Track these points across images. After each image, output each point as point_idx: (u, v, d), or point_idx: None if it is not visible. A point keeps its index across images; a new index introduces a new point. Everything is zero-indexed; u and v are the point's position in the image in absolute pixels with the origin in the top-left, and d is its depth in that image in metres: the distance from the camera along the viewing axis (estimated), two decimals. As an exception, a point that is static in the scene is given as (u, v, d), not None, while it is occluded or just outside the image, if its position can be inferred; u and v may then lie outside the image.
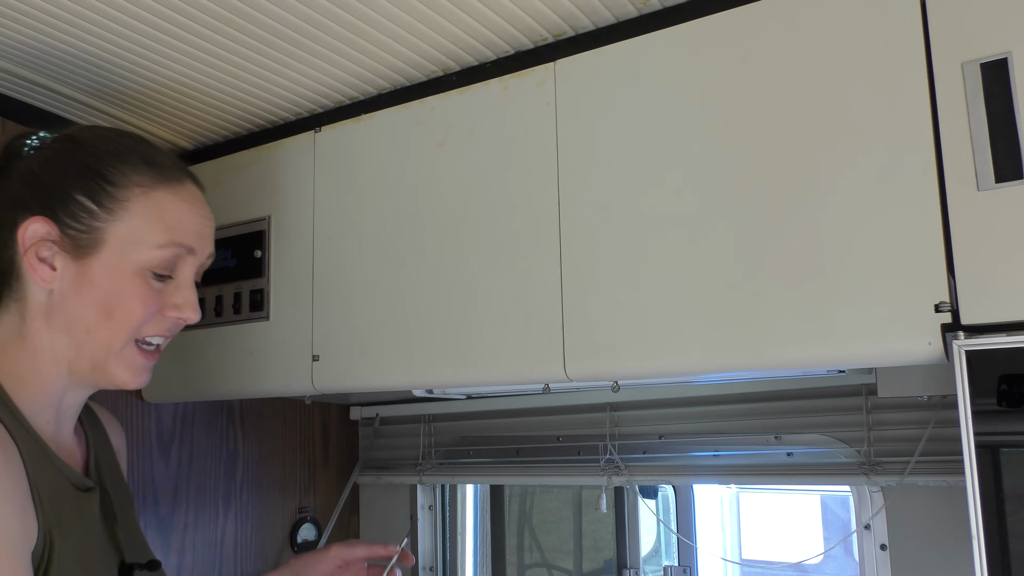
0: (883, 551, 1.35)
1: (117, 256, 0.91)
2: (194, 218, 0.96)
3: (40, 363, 0.91)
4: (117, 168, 0.92)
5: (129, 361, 0.93)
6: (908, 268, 0.86)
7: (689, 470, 1.54)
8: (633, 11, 1.09)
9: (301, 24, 1.12)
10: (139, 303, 0.91)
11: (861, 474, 1.35)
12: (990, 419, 0.77)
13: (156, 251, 0.92)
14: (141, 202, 0.92)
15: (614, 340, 1.02)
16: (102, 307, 0.90)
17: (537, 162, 1.11)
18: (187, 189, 0.97)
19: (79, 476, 0.93)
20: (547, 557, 2.01)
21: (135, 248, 0.91)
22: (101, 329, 0.91)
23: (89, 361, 0.92)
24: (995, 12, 0.84)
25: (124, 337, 0.92)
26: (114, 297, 0.90)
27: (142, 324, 0.92)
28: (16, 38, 1.14)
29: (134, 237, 0.91)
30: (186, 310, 0.95)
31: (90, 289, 0.90)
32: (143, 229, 0.92)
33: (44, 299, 0.91)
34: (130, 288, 0.91)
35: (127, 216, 0.91)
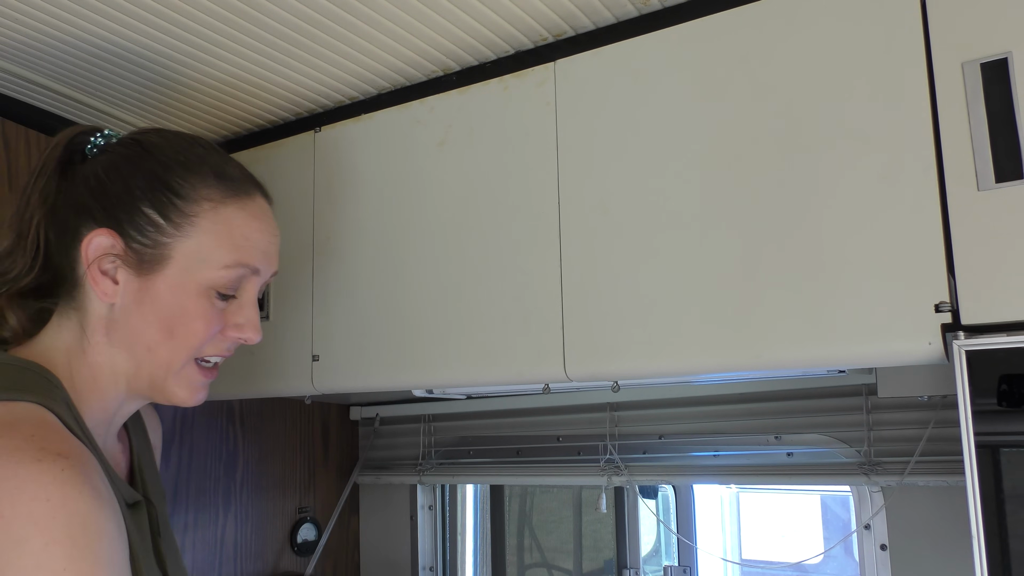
0: (883, 551, 1.35)
1: (182, 274, 0.87)
2: (262, 236, 0.92)
3: (100, 378, 0.88)
4: (187, 180, 0.89)
5: (188, 380, 0.90)
6: (908, 268, 0.86)
7: (689, 470, 1.54)
8: (633, 11, 1.09)
9: (301, 24, 1.12)
10: (202, 323, 0.88)
11: (861, 474, 1.35)
12: (990, 419, 0.77)
13: (222, 271, 0.88)
14: (210, 218, 0.88)
15: (614, 340, 1.02)
16: (164, 325, 0.87)
17: (537, 162, 1.11)
18: (256, 204, 0.93)
19: (130, 490, 0.90)
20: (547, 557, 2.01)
21: (201, 267, 0.88)
22: (162, 347, 0.87)
23: (148, 378, 0.89)
24: (995, 12, 0.84)
25: (185, 356, 0.88)
26: (177, 316, 0.87)
27: (204, 344, 0.89)
28: (16, 38, 1.14)
29: (200, 255, 0.88)
30: (248, 330, 0.92)
31: (153, 306, 0.87)
32: (210, 247, 0.88)
33: (105, 312, 0.87)
34: (194, 307, 0.87)
35: (195, 233, 0.87)
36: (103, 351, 0.88)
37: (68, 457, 0.72)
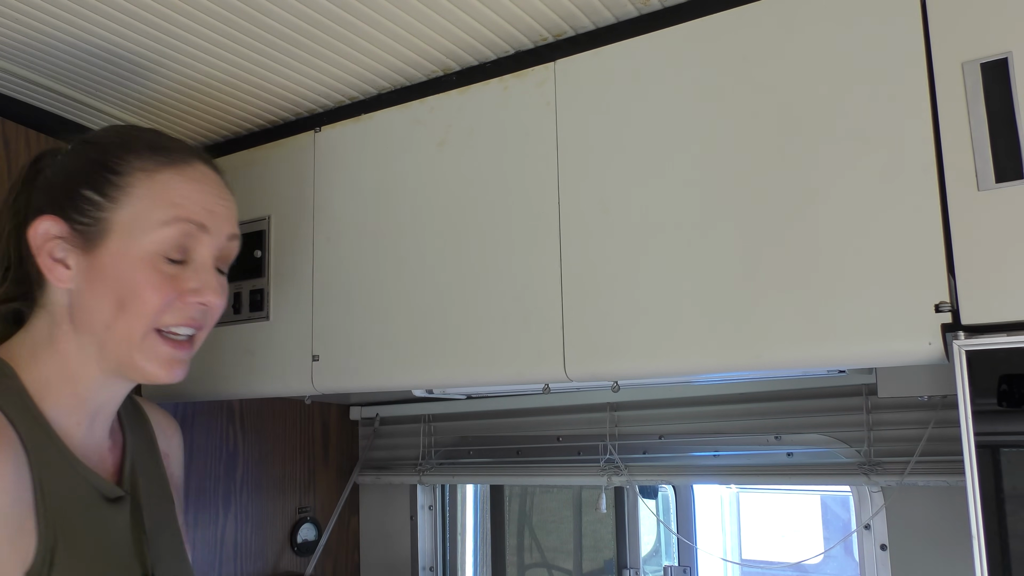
0: (883, 551, 1.35)
1: (123, 243, 0.87)
2: (204, 196, 0.91)
3: (70, 366, 0.89)
4: (121, 157, 0.90)
5: (154, 353, 0.88)
6: (908, 268, 0.86)
7: (689, 470, 1.54)
8: (633, 11, 1.09)
9: (301, 24, 1.12)
10: (151, 290, 0.87)
11: (861, 474, 1.35)
12: (990, 419, 0.77)
13: (161, 229, 0.87)
14: (144, 185, 0.88)
15: (614, 340, 1.02)
16: (115, 298, 0.87)
17: (537, 162, 1.11)
18: (196, 169, 0.92)
19: (108, 484, 0.90)
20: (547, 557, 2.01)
21: (140, 231, 0.87)
22: (118, 322, 0.87)
23: (114, 357, 0.88)
24: (995, 12, 0.84)
25: (141, 328, 0.87)
26: (126, 286, 0.87)
27: (159, 313, 0.87)
28: (16, 38, 1.14)
29: (138, 220, 0.88)
30: (205, 294, 0.89)
31: (102, 282, 0.88)
32: (146, 211, 0.88)
33: (66, 300, 0.89)
34: (141, 276, 0.87)
35: (130, 201, 0.88)
36: (71, 339, 0.89)
37: None
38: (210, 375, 1.40)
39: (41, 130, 1.38)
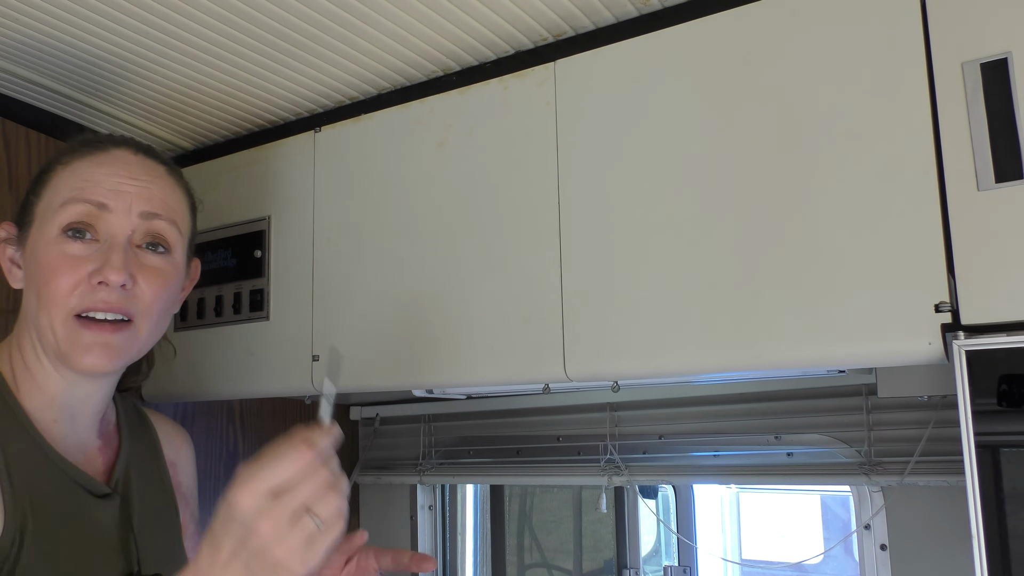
0: (883, 551, 1.35)
1: (38, 230, 0.90)
2: (108, 177, 0.90)
3: (28, 362, 0.91)
4: (54, 157, 0.94)
5: (78, 340, 0.86)
6: (908, 268, 0.86)
7: (689, 470, 1.54)
8: (633, 11, 1.09)
9: (301, 24, 1.12)
10: (52, 271, 0.86)
11: (861, 474, 1.35)
12: (990, 419, 0.77)
13: (61, 212, 0.88)
14: (59, 175, 0.92)
15: (614, 340, 1.02)
16: (35, 286, 0.89)
17: (537, 162, 1.11)
18: (109, 155, 0.92)
19: (91, 480, 0.91)
20: (547, 557, 2.01)
21: (47, 217, 0.89)
22: (40, 310, 0.87)
23: (50, 348, 0.88)
24: (995, 12, 0.84)
25: (58, 314, 0.86)
26: (40, 274, 0.88)
27: (68, 296, 0.86)
28: (16, 38, 1.14)
29: (48, 207, 0.90)
30: (105, 271, 0.86)
31: (29, 273, 0.91)
32: (53, 197, 0.90)
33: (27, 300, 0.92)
34: (48, 260, 0.87)
35: (47, 191, 0.92)
36: (25, 335, 0.91)
37: None
38: (210, 375, 1.40)
39: (41, 130, 1.38)
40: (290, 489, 0.68)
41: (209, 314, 1.41)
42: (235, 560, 0.68)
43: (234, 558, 0.68)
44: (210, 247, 1.42)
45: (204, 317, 1.42)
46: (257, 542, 0.67)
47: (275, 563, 0.67)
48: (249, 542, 0.68)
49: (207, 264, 1.42)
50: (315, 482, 0.69)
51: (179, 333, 1.45)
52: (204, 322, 1.41)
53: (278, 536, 0.67)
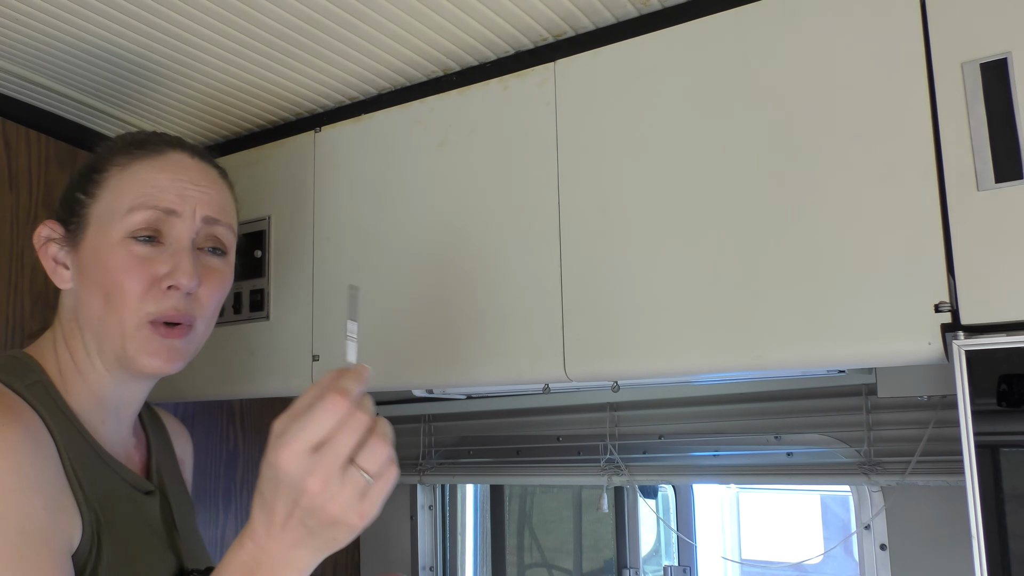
0: (883, 551, 1.35)
1: (99, 234, 0.90)
2: (172, 182, 0.91)
3: (80, 363, 0.90)
4: (104, 157, 0.94)
5: (148, 344, 0.88)
6: (908, 268, 0.86)
7: (689, 470, 1.54)
8: (633, 11, 1.09)
9: (301, 24, 1.12)
10: (126, 276, 0.87)
11: (861, 474, 1.35)
12: (990, 419, 0.77)
13: (128, 216, 0.89)
14: (117, 177, 0.91)
15: (614, 340, 1.02)
16: (100, 291, 0.89)
17: (537, 162, 1.11)
18: (167, 158, 0.93)
19: (139, 478, 0.92)
20: (547, 557, 2.01)
21: (111, 220, 0.89)
22: (107, 314, 0.88)
23: (112, 351, 0.89)
24: (995, 12, 0.84)
25: (130, 317, 0.87)
26: (106, 276, 0.88)
27: (140, 300, 0.88)
28: (16, 38, 1.14)
29: (110, 210, 0.90)
30: (178, 275, 0.88)
31: (88, 275, 0.90)
32: (116, 200, 0.90)
33: (71, 301, 0.92)
34: (115, 263, 0.88)
35: (104, 194, 0.91)
36: (76, 337, 0.91)
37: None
38: (210, 375, 1.40)
39: (41, 130, 1.38)
40: (330, 442, 0.67)
41: (209, 314, 1.41)
42: (291, 520, 0.68)
43: (290, 519, 0.68)
44: (210, 247, 1.42)
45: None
46: (309, 500, 0.66)
47: (331, 519, 0.67)
48: (301, 501, 0.67)
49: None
50: (354, 430, 0.67)
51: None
52: (204, 322, 1.41)
53: (329, 492, 0.66)
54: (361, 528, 0.68)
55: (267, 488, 0.69)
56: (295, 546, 0.69)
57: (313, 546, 0.69)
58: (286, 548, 0.69)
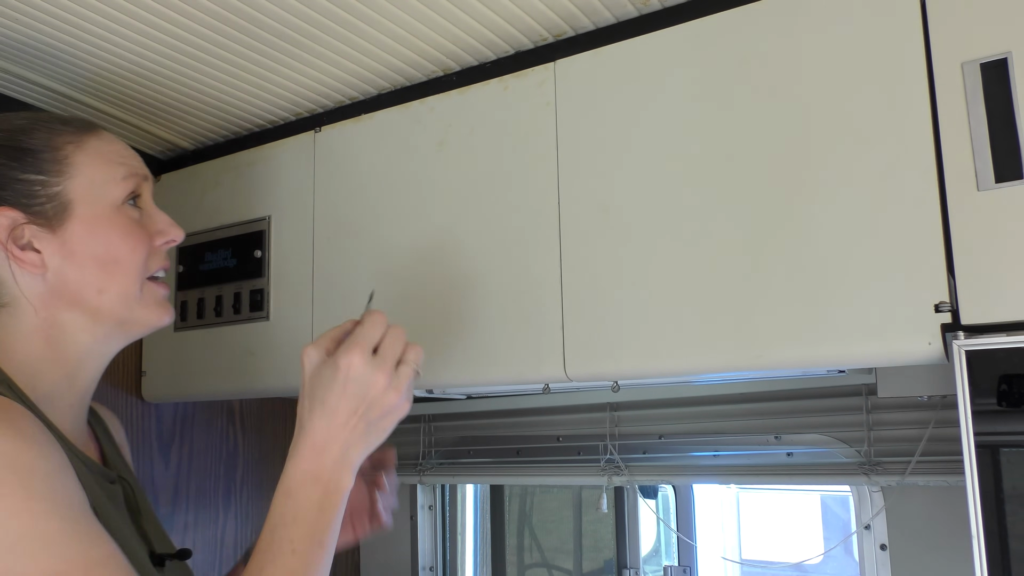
0: (883, 551, 1.35)
1: (91, 206, 0.90)
2: (128, 151, 0.96)
3: (59, 348, 0.89)
4: (36, 136, 0.91)
5: (153, 299, 0.93)
6: (908, 268, 0.86)
7: (689, 470, 1.54)
8: (633, 11, 1.09)
9: (301, 24, 1.12)
10: (133, 239, 0.91)
11: (861, 474, 1.35)
12: (990, 419, 0.77)
13: (122, 183, 0.92)
14: (80, 154, 0.91)
15: (614, 340, 1.02)
16: (102, 261, 0.89)
17: (537, 162, 1.11)
18: (106, 135, 0.97)
19: (102, 468, 0.92)
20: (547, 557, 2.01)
21: (103, 190, 0.91)
22: (112, 283, 0.90)
23: (115, 318, 0.91)
24: (995, 12, 0.84)
25: (138, 278, 0.91)
26: (109, 246, 0.90)
27: (145, 261, 0.92)
28: (16, 38, 1.14)
29: (96, 182, 0.91)
30: (171, 231, 0.96)
31: (83, 251, 0.89)
32: (100, 172, 0.91)
33: (41, 287, 0.89)
34: (117, 231, 0.91)
35: (76, 170, 0.90)
36: (55, 322, 0.89)
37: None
38: (210, 375, 1.40)
39: (41, 130, 1.37)
40: (384, 345, 0.87)
41: (209, 314, 1.41)
42: (354, 416, 0.85)
43: (353, 415, 0.85)
44: (210, 247, 1.42)
45: (204, 317, 1.42)
46: (375, 392, 0.86)
47: (390, 408, 0.88)
48: (369, 395, 0.85)
49: (207, 264, 1.43)
50: (400, 335, 0.89)
51: (179, 333, 1.45)
52: (204, 322, 1.41)
53: (391, 383, 0.87)
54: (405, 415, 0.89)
55: (330, 395, 0.85)
56: (353, 443, 0.86)
57: (367, 441, 0.87)
58: (346, 447, 0.85)
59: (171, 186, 1.52)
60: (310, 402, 0.86)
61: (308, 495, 0.83)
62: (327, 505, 0.84)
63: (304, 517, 0.82)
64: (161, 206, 0.99)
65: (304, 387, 0.88)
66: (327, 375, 0.86)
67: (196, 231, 1.45)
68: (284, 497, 0.83)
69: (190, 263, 1.45)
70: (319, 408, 0.85)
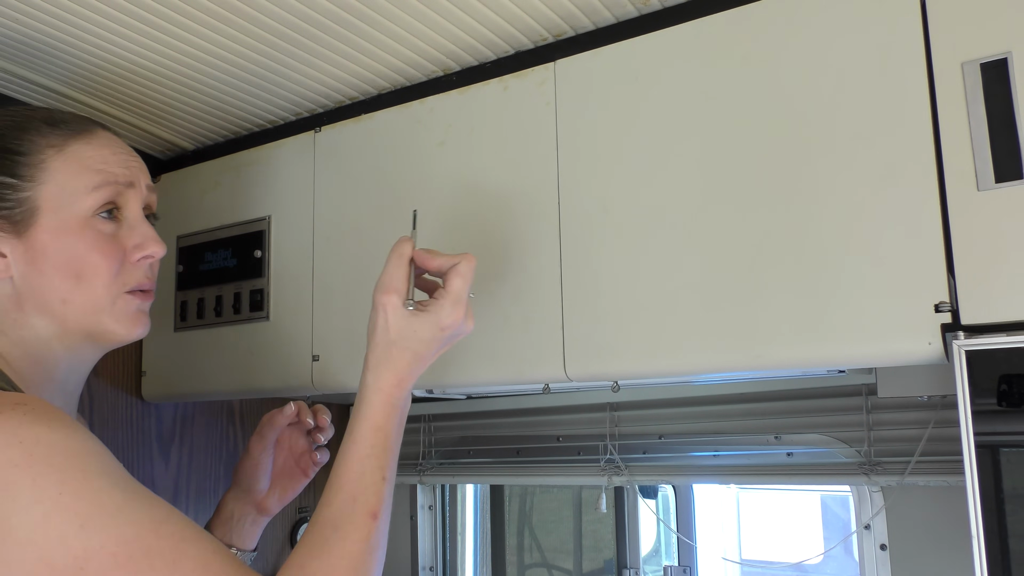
0: (883, 551, 1.35)
1: (57, 216, 0.88)
2: (118, 157, 0.93)
3: (32, 351, 0.89)
4: (20, 137, 0.90)
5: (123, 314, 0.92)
6: (908, 268, 0.86)
7: (689, 470, 1.54)
8: (633, 11, 1.09)
9: (301, 24, 1.12)
10: (97, 253, 0.89)
11: (861, 474, 1.35)
12: (990, 419, 0.77)
13: (92, 194, 0.90)
14: (59, 159, 0.90)
15: (614, 340, 1.02)
16: (66, 272, 0.88)
17: (537, 162, 1.11)
18: (101, 137, 0.94)
19: None
20: (547, 557, 2.01)
21: (71, 201, 0.89)
22: (77, 294, 0.89)
23: (81, 328, 0.90)
24: (995, 12, 0.84)
25: (105, 294, 0.90)
26: (73, 258, 0.88)
27: (115, 275, 0.90)
28: (16, 38, 1.14)
29: (65, 191, 0.89)
30: (149, 245, 0.93)
31: (46, 260, 0.88)
32: (71, 181, 0.89)
33: (9, 290, 0.89)
34: (82, 243, 0.89)
35: (49, 177, 0.89)
36: (24, 325, 0.89)
37: (25, 403, 0.76)
38: (210, 375, 1.40)
39: (41, 130, 1.37)
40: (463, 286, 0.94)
41: (209, 314, 1.41)
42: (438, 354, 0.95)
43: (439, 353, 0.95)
44: (210, 247, 1.42)
45: (204, 317, 1.42)
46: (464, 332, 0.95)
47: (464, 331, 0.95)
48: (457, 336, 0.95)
49: (207, 264, 1.43)
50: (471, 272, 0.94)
51: (179, 333, 1.45)
52: (204, 322, 1.41)
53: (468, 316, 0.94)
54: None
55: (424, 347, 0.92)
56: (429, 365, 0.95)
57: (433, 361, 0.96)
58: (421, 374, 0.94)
59: (171, 186, 1.52)
60: (399, 349, 0.92)
61: (392, 423, 0.91)
62: (401, 430, 0.93)
63: (390, 445, 0.90)
64: (161, 206, 0.99)
65: (389, 331, 0.93)
66: (425, 332, 0.92)
67: (196, 231, 1.45)
68: (370, 430, 0.89)
69: (190, 263, 1.45)
70: (410, 355, 0.92)
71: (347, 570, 0.80)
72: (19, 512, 0.69)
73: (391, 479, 0.88)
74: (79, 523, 0.70)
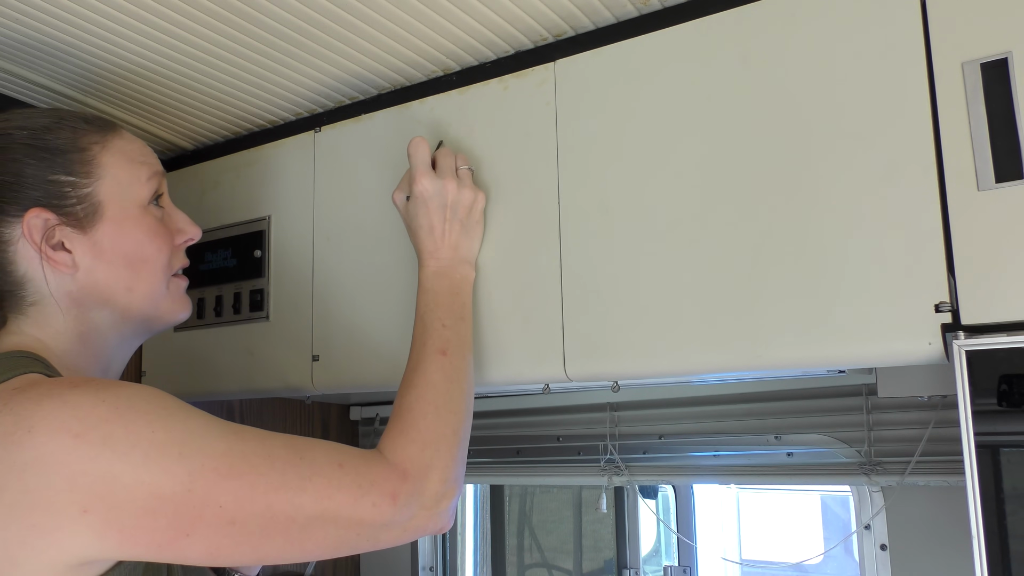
0: (883, 551, 1.35)
1: (120, 208, 0.93)
2: (147, 149, 1.00)
3: (91, 346, 0.93)
4: (61, 136, 0.92)
5: (177, 294, 1.00)
6: (908, 268, 0.86)
7: (689, 470, 1.54)
8: (633, 11, 1.09)
9: (301, 24, 1.12)
10: (159, 239, 0.96)
11: (861, 474, 1.35)
12: (990, 419, 0.77)
13: (147, 184, 0.96)
14: (106, 155, 0.94)
15: (614, 340, 1.02)
16: (131, 261, 0.93)
17: (537, 162, 1.11)
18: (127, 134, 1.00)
19: None
20: (547, 557, 2.01)
21: (130, 192, 0.95)
22: (140, 281, 0.94)
23: (141, 315, 0.96)
24: (995, 12, 0.84)
25: (163, 276, 0.96)
26: (137, 246, 0.94)
27: (169, 260, 0.97)
28: (16, 38, 1.14)
29: (123, 184, 0.94)
30: (190, 229, 1.02)
31: (113, 251, 0.92)
32: (126, 174, 0.95)
33: (70, 286, 0.91)
34: (143, 231, 0.95)
35: (104, 171, 0.93)
36: (84, 320, 0.92)
37: (86, 380, 0.81)
38: (210, 375, 1.40)
39: (41, 130, 1.37)
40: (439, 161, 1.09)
41: (209, 314, 1.41)
42: (445, 222, 1.07)
43: (444, 221, 1.07)
44: (210, 247, 1.42)
45: (204, 317, 1.42)
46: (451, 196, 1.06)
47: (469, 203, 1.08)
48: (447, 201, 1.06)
49: (207, 264, 1.43)
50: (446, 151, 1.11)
51: (179, 333, 1.45)
52: (204, 322, 1.42)
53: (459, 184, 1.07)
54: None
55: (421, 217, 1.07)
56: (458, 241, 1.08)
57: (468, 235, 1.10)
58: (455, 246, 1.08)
59: (171, 186, 1.50)
60: (415, 231, 1.08)
61: (440, 285, 1.05)
62: (457, 290, 1.06)
63: (442, 301, 1.04)
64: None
65: (406, 223, 1.11)
66: (413, 205, 1.07)
67: (196, 231, 1.45)
68: (423, 294, 1.05)
69: (190, 263, 1.45)
70: (420, 231, 1.07)
71: (432, 398, 0.96)
72: (120, 459, 0.73)
73: (455, 327, 1.03)
74: (177, 452, 0.76)
